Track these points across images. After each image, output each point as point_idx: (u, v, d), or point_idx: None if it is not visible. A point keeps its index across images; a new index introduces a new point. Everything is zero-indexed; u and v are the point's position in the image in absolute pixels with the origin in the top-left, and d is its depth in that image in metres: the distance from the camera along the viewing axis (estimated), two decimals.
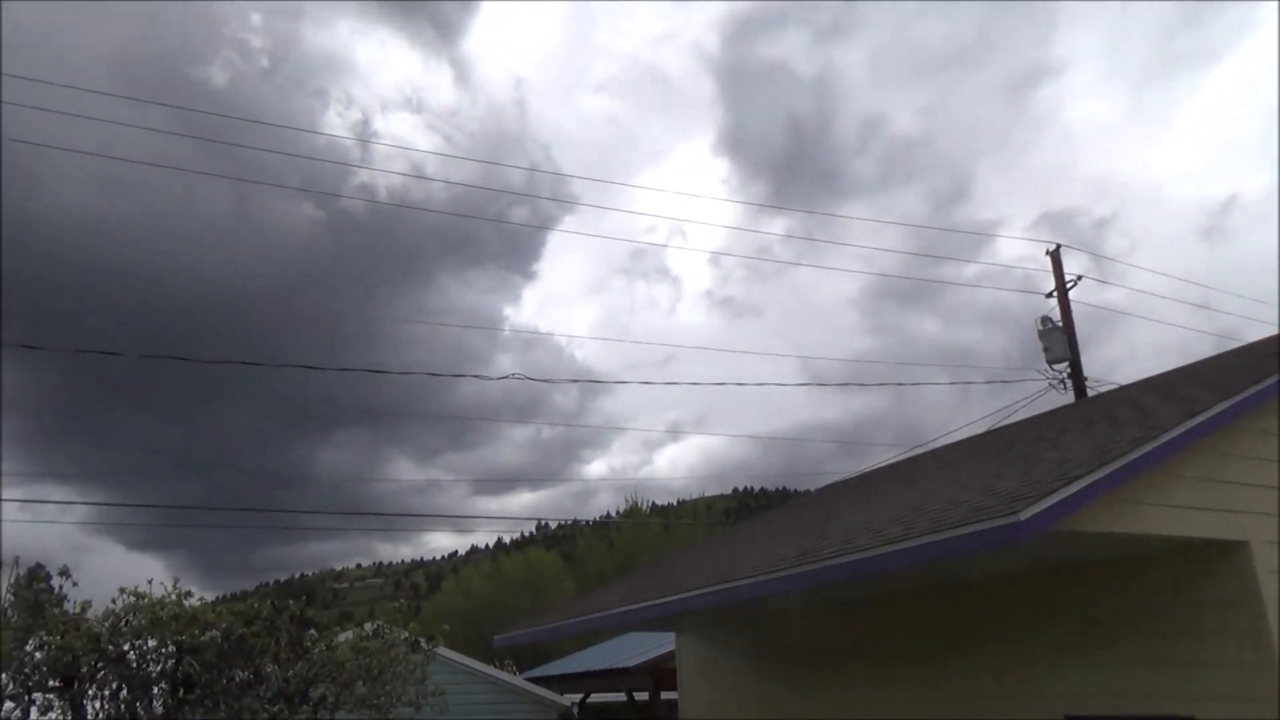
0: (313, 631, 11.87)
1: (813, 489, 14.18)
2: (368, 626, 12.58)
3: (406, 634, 12.42)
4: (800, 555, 6.57)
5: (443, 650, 14.87)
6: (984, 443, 10.58)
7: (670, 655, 13.29)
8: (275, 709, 10.80)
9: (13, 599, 10.49)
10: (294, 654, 11.12)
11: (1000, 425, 13.16)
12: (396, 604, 13.63)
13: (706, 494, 67.70)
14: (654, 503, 49.91)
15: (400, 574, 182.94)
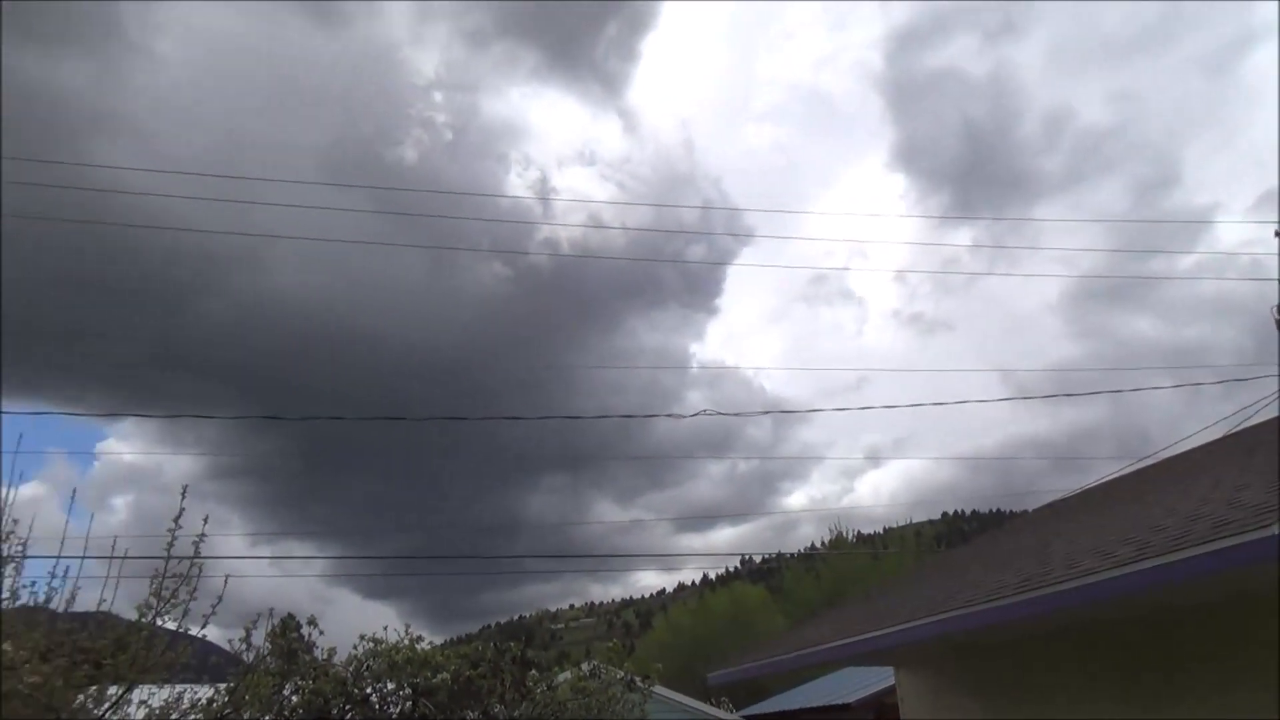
0: (534, 672, 12.30)
1: (1029, 509, 13.32)
2: (585, 666, 12.87)
3: (622, 673, 12.62)
4: (1022, 582, 6.18)
5: (659, 689, 15.00)
6: (1221, 450, 9.58)
7: (892, 690, 12.79)
8: None
9: (269, 647, 11.51)
10: (518, 694, 11.56)
11: (1238, 429, 11.86)
12: (610, 643, 13.90)
13: (914, 520, 65.05)
14: (859, 532, 48.59)
15: (612, 613, 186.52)
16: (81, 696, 6.36)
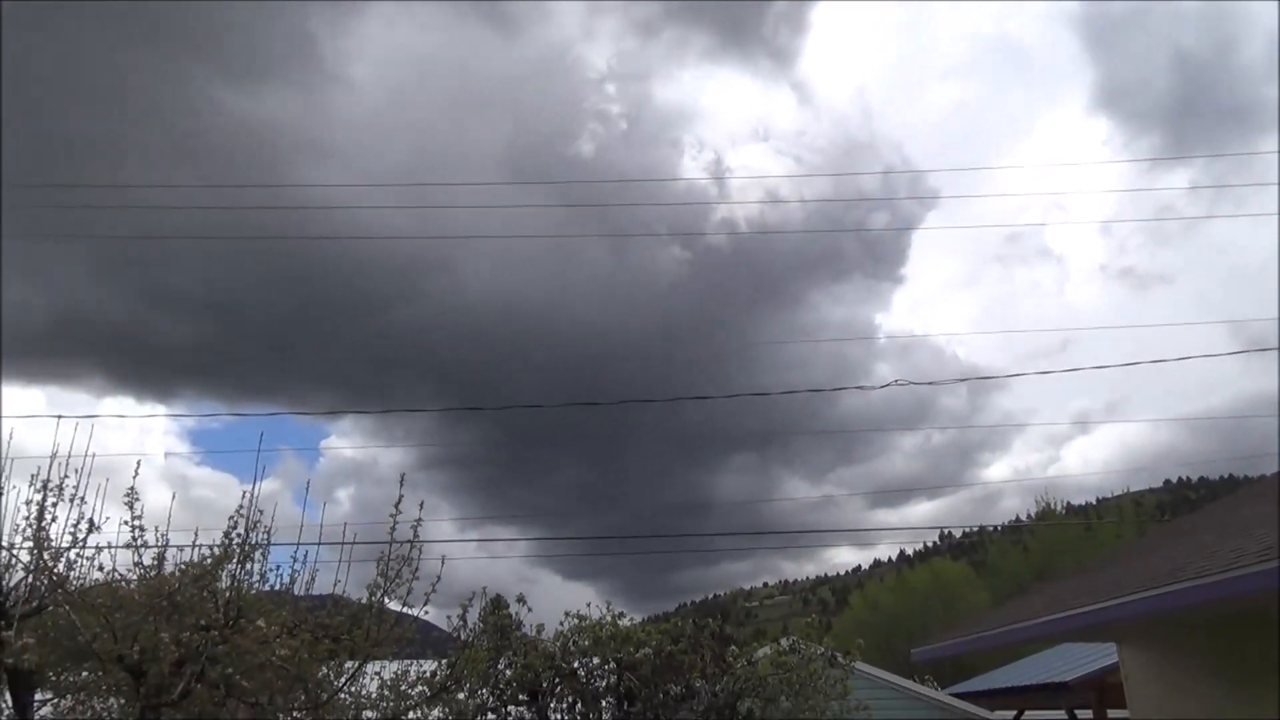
0: (733, 648, 12.40)
1: (1266, 473, 12.07)
2: (783, 642, 12.83)
3: (822, 649, 12.49)
4: (1264, 550, 5.61)
5: (860, 665, 14.74)
6: None
7: (1114, 668, 11.98)
8: None
9: (483, 625, 12.20)
10: (719, 669, 11.69)
11: None
12: (808, 619, 13.80)
13: (1131, 489, 60.35)
14: (1068, 503, 45.59)
15: (806, 590, 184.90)
16: (324, 668, 6.98)
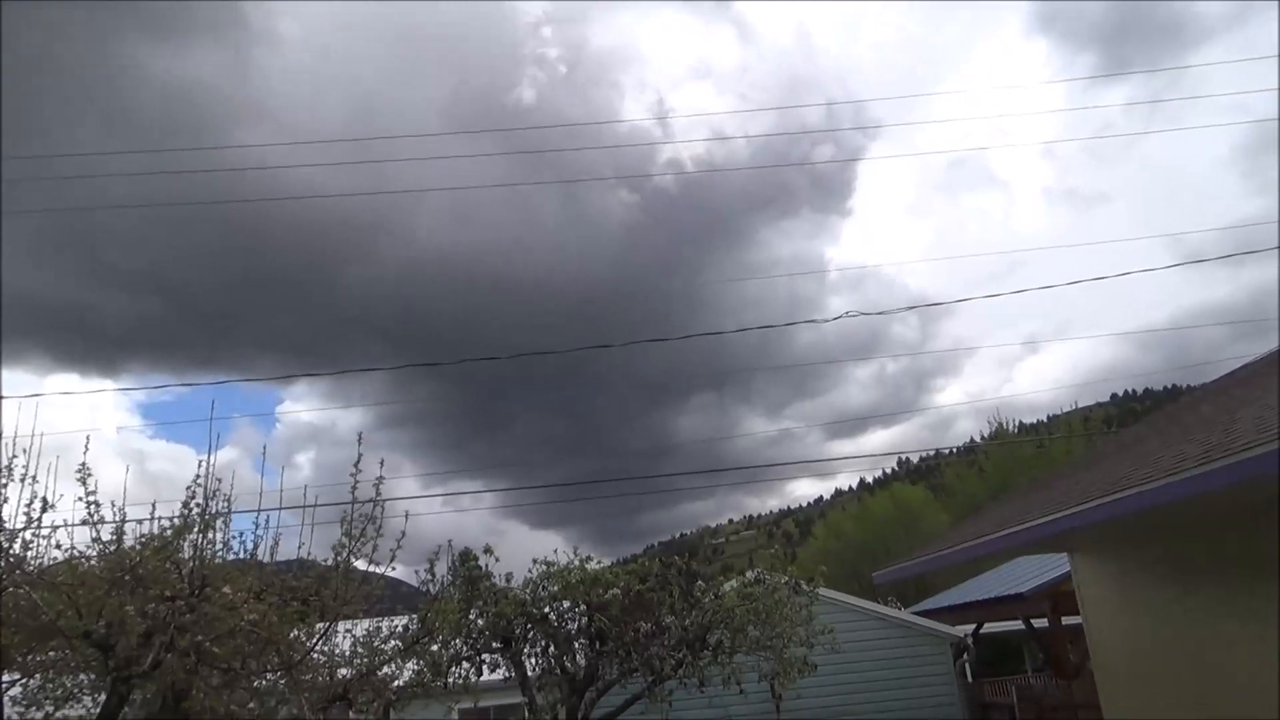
0: (700, 583, 12.64)
1: (1208, 381, 12.46)
2: (749, 575, 13.11)
3: (786, 578, 12.79)
4: (1205, 453, 5.82)
5: (825, 591, 15.14)
6: None
7: (1067, 577, 12.45)
8: (679, 655, 11.65)
9: (452, 577, 12.28)
10: (687, 605, 11.93)
11: None
12: (772, 551, 14.08)
13: (1080, 404, 62.03)
14: (1021, 422, 46.79)
15: (771, 524, 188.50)
16: (295, 630, 6.98)
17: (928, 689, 17.29)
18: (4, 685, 6.97)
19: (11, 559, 6.20)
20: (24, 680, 7.34)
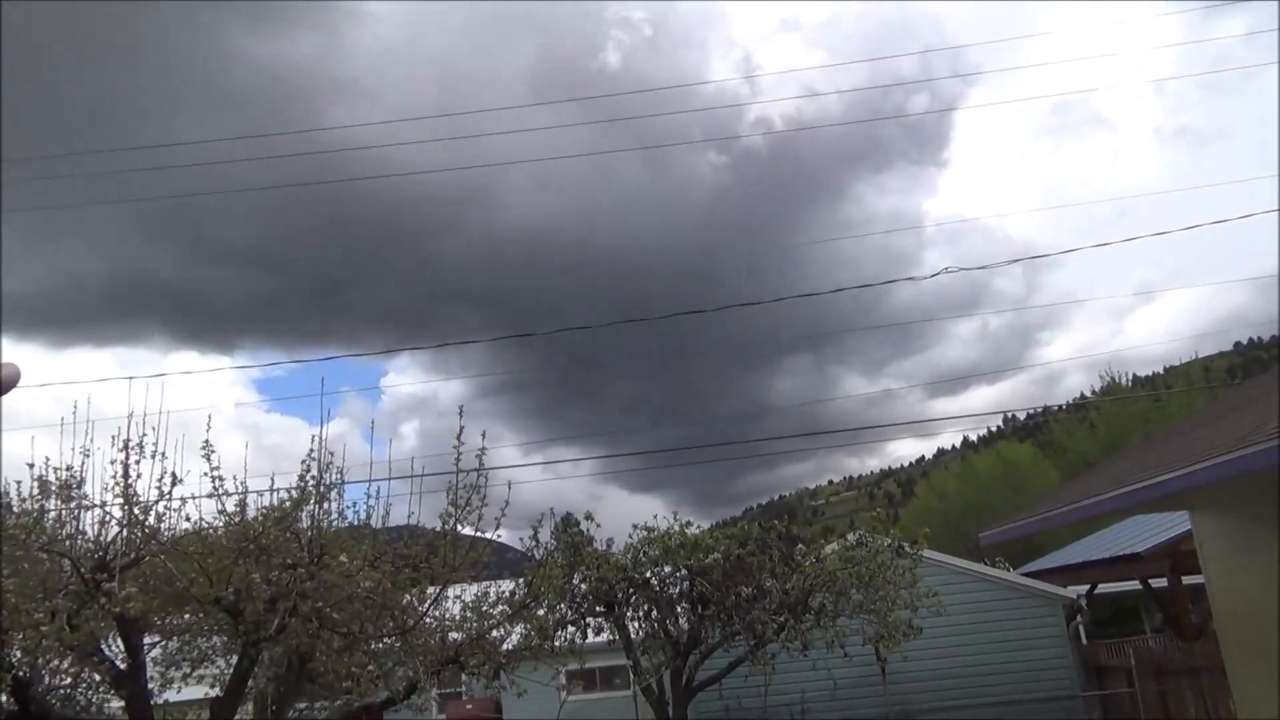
0: (801, 546, 12.60)
1: None
2: (850, 537, 12.99)
3: (889, 540, 12.62)
4: None
5: (929, 553, 14.89)
6: None
7: (1188, 535, 11.93)
8: (781, 619, 11.67)
9: (555, 543, 12.55)
10: (788, 568, 11.91)
11: None
12: (874, 513, 13.91)
13: (1200, 354, 59.00)
14: (1134, 375, 44.79)
15: (872, 484, 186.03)
16: (408, 596, 7.28)
17: (1040, 652, 16.87)
18: (145, 647, 7.48)
19: (147, 530, 6.61)
20: (163, 643, 7.87)
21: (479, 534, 7.57)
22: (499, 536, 7.97)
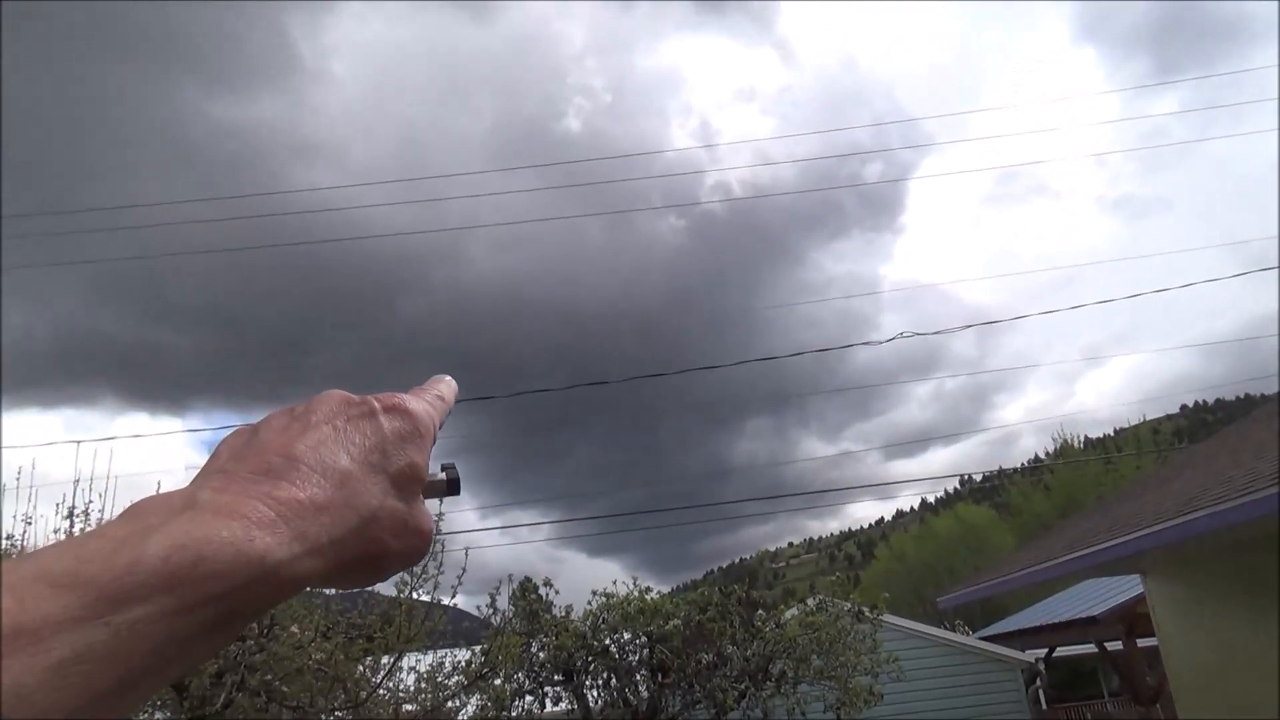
0: (761, 611, 12.52)
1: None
2: (810, 602, 12.96)
3: (849, 605, 12.61)
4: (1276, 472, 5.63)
5: (889, 617, 14.87)
6: None
7: (1141, 597, 12.07)
8: (742, 686, 11.53)
9: (513, 610, 12.34)
10: (748, 634, 11.81)
11: None
12: (834, 577, 13.91)
13: (1148, 417, 60.29)
14: (1086, 436, 45.62)
15: (832, 546, 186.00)
16: (360, 667, 7.10)
17: (999, 717, 16.81)
18: None
19: None
20: None
21: (435, 600, 7.44)
22: (455, 604, 7.84)
